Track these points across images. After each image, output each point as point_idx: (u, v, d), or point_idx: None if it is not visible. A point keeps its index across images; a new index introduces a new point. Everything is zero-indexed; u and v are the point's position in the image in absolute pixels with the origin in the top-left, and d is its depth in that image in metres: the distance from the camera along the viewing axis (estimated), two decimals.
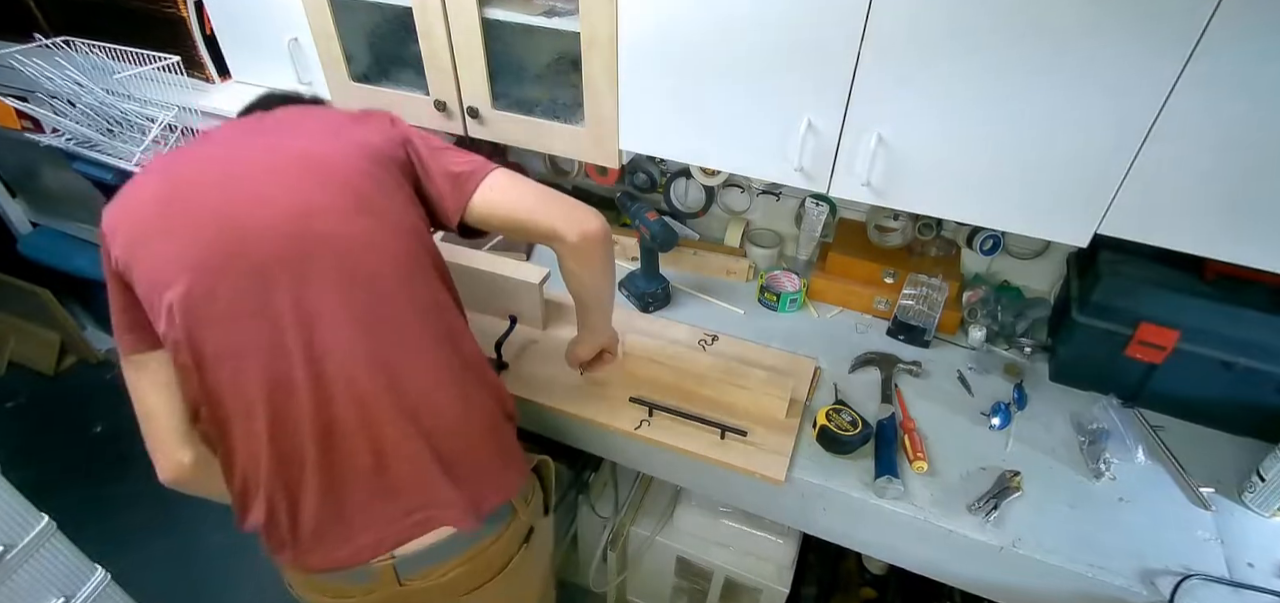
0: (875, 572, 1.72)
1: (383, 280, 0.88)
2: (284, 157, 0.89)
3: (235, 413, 0.86)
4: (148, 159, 1.47)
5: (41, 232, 2.27)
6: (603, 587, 1.77)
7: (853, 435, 1.19)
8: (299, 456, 0.87)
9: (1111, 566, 1.05)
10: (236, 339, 0.83)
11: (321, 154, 0.89)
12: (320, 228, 0.85)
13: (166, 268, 0.81)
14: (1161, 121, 0.92)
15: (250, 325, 0.83)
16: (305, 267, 0.84)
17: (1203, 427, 1.29)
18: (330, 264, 0.85)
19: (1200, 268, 1.20)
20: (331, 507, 0.89)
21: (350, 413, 0.87)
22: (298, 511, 0.89)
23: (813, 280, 1.57)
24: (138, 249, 0.83)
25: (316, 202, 0.86)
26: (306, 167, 0.88)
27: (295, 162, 0.88)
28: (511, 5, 1.25)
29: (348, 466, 0.89)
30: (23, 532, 1.20)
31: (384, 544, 0.92)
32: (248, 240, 0.82)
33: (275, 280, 0.83)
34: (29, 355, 2.53)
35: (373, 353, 0.87)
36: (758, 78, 1.11)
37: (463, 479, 0.93)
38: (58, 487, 1.54)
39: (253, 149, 0.90)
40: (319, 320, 0.85)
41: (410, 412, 0.89)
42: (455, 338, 0.96)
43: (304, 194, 0.86)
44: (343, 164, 0.89)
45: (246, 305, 0.83)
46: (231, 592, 1.90)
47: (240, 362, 0.84)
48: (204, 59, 1.57)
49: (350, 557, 0.91)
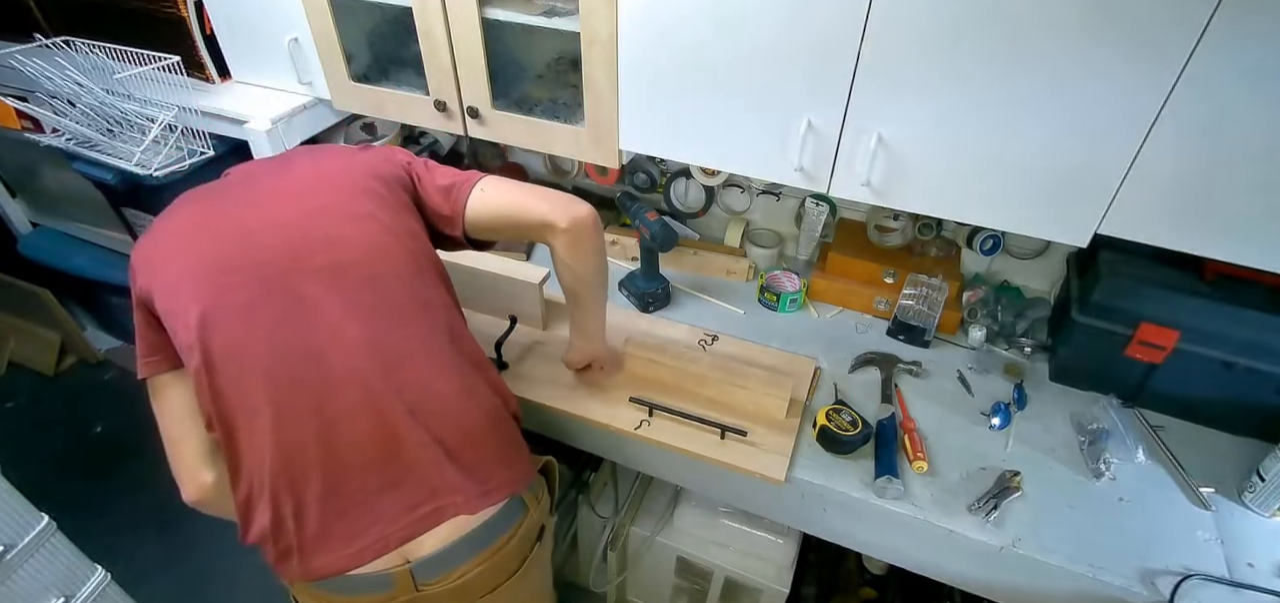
0: (875, 572, 1.72)
1: (386, 280, 0.93)
2: (295, 176, 1.00)
3: (240, 414, 0.87)
4: (147, 159, 1.47)
5: (41, 232, 2.26)
6: (603, 587, 1.77)
7: (853, 435, 1.19)
8: (303, 454, 0.87)
9: (1111, 566, 1.05)
10: (242, 338, 0.87)
11: (329, 171, 1.00)
12: (325, 230, 0.92)
13: (184, 279, 0.89)
14: (1161, 122, 0.92)
15: (255, 324, 0.87)
16: (309, 266, 0.90)
17: (1203, 427, 1.29)
18: (334, 263, 0.90)
19: (1200, 268, 1.20)
20: (336, 503, 0.89)
21: (355, 405, 0.88)
22: (302, 511, 0.88)
23: (813, 280, 1.57)
24: (159, 271, 0.91)
25: (322, 206, 0.94)
26: (314, 181, 0.99)
27: (303, 179, 0.99)
28: (511, 5, 1.25)
29: (352, 460, 0.89)
30: (23, 532, 1.20)
31: (390, 541, 0.90)
32: (257, 246, 0.90)
33: (280, 280, 0.88)
34: (29, 355, 2.53)
35: (377, 345, 0.90)
36: (758, 77, 1.11)
37: (469, 467, 0.93)
38: (58, 487, 1.54)
39: (269, 176, 1.02)
40: (322, 316, 0.89)
41: (415, 402, 0.90)
42: (457, 335, 0.99)
43: (311, 201, 0.95)
44: (347, 177, 0.99)
45: (252, 305, 0.87)
46: (232, 592, 1.90)
47: (245, 360, 0.86)
48: (204, 59, 1.57)
49: (356, 557, 0.89)
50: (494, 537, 0.96)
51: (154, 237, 0.95)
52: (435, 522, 0.91)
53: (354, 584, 0.91)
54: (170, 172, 1.50)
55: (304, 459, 0.87)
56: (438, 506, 0.91)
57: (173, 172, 1.51)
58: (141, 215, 1.76)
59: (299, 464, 0.87)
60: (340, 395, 0.88)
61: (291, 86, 1.54)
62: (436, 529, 0.92)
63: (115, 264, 2.10)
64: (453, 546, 0.92)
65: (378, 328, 0.91)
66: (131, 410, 2.36)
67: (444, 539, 0.92)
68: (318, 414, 0.87)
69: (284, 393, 0.87)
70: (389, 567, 0.90)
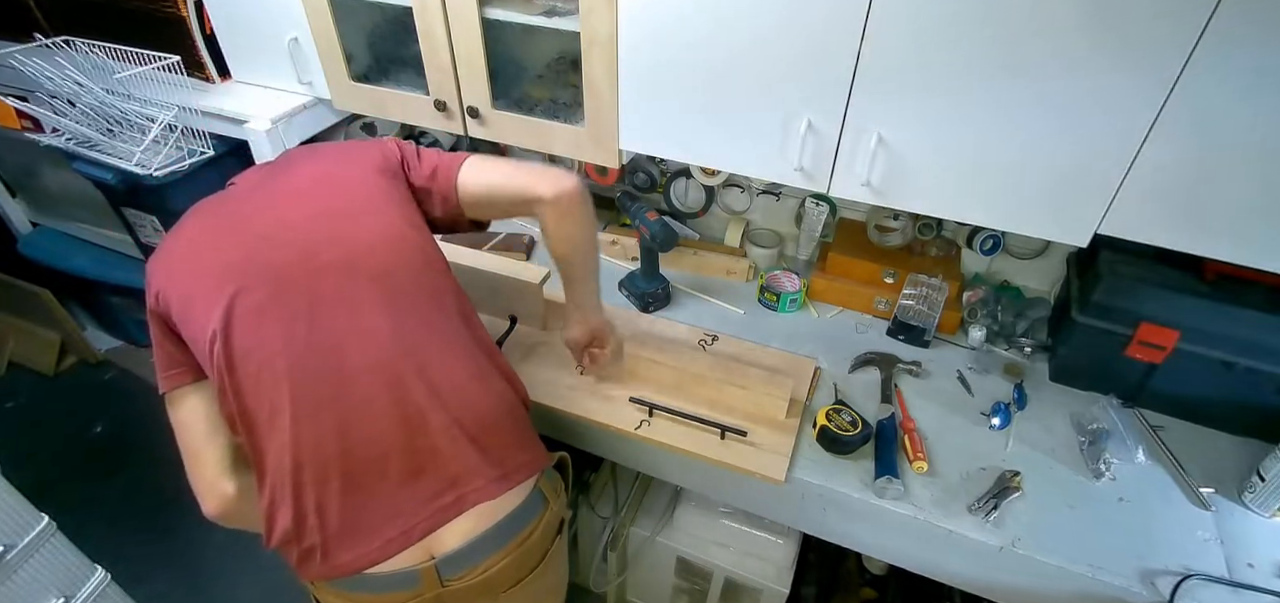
0: (875, 572, 1.72)
1: (397, 272, 0.94)
2: (302, 178, 1.01)
3: (261, 414, 0.88)
4: (147, 159, 1.47)
5: (41, 232, 2.27)
6: (603, 587, 1.77)
7: (853, 435, 1.19)
8: (323, 449, 0.87)
9: (1111, 566, 1.05)
10: (259, 338, 0.88)
11: (335, 172, 1.02)
12: (333, 227, 0.94)
13: (197, 287, 0.90)
14: (1161, 121, 0.92)
15: (271, 323, 0.88)
16: (320, 263, 0.91)
17: (1203, 427, 1.29)
18: (344, 259, 0.92)
19: (1200, 268, 1.20)
20: (358, 497, 0.89)
21: (375, 393, 0.89)
22: (324, 507, 0.88)
23: (813, 280, 1.57)
24: (172, 283, 0.92)
25: (331, 206, 0.96)
26: (321, 181, 1.00)
27: (311, 180, 1.01)
28: (511, 5, 1.25)
29: (373, 451, 0.89)
30: (23, 532, 1.20)
31: (413, 534, 0.90)
32: (268, 248, 0.91)
33: (293, 279, 0.90)
34: (29, 355, 2.53)
35: (395, 334, 0.91)
36: (758, 77, 1.11)
37: (487, 450, 0.94)
38: (58, 487, 1.54)
39: (274, 179, 1.03)
40: (338, 311, 0.90)
41: (435, 383, 0.92)
42: (470, 322, 1.02)
43: (320, 201, 0.97)
44: (353, 176, 1.00)
45: (267, 305, 0.88)
46: (232, 592, 1.90)
47: (263, 359, 0.87)
48: (204, 59, 1.57)
49: (380, 551, 0.89)
50: (517, 530, 0.96)
51: (165, 251, 0.96)
52: (457, 511, 0.91)
53: (378, 582, 0.90)
54: (170, 171, 1.50)
55: (324, 454, 0.88)
56: (459, 494, 0.91)
57: (173, 171, 1.51)
58: (141, 215, 1.76)
59: (320, 460, 0.88)
60: (359, 385, 0.89)
61: (291, 86, 1.54)
62: (459, 523, 0.91)
63: (115, 264, 2.10)
64: (477, 540, 0.92)
65: (394, 318, 0.92)
66: (131, 410, 2.36)
67: (467, 534, 0.92)
68: (337, 407, 0.88)
69: (303, 389, 0.87)
70: (413, 564, 0.90)
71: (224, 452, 0.94)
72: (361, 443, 0.89)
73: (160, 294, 0.92)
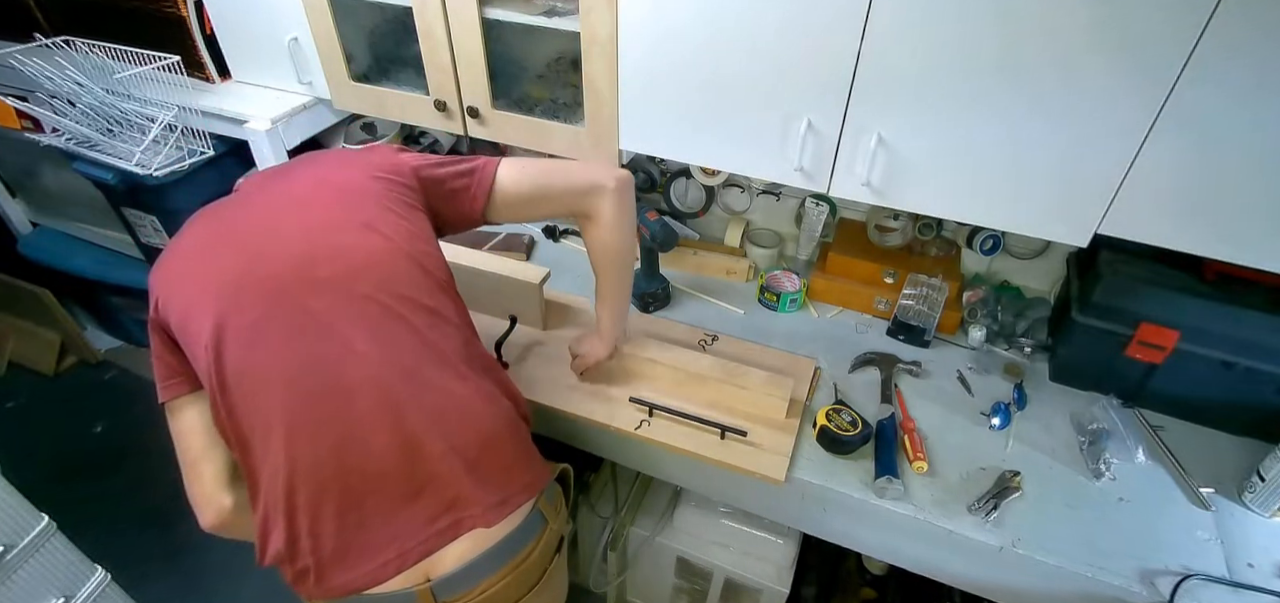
0: (875, 572, 1.72)
1: (394, 288, 0.91)
2: (299, 188, 0.99)
3: (256, 432, 0.86)
4: (147, 159, 1.47)
5: (41, 232, 2.27)
6: (603, 587, 1.77)
7: (853, 436, 1.19)
8: (319, 469, 0.86)
9: (1111, 566, 1.05)
10: (253, 356, 0.86)
11: (334, 179, 0.99)
12: (331, 241, 0.91)
13: (195, 300, 0.88)
14: (1161, 122, 0.92)
15: (265, 340, 0.86)
16: (316, 278, 0.89)
17: (1203, 427, 1.29)
18: (341, 274, 0.89)
19: (1200, 268, 1.20)
20: (353, 517, 0.87)
21: (372, 414, 0.87)
22: (318, 530, 0.87)
23: (813, 280, 1.57)
24: (174, 292, 0.91)
25: (329, 219, 0.93)
26: (320, 189, 0.97)
27: (310, 187, 0.98)
28: (511, 5, 1.25)
29: (370, 471, 0.87)
30: (23, 532, 1.20)
31: (409, 557, 0.88)
32: (264, 262, 0.89)
33: (287, 295, 0.88)
34: (29, 355, 2.53)
35: (390, 354, 0.89)
36: (758, 77, 1.11)
37: (486, 476, 0.92)
38: (58, 487, 1.54)
39: (274, 185, 1.02)
40: (333, 329, 0.87)
41: (431, 407, 0.89)
42: (468, 340, 0.99)
43: (315, 213, 0.94)
44: (353, 185, 0.97)
45: (261, 322, 0.86)
46: (232, 591, 1.90)
47: (257, 377, 0.86)
48: (204, 59, 1.57)
49: (375, 574, 0.87)
50: (515, 551, 0.94)
51: (166, 261, 0.94)
52: (454, 535, 0.90)
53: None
54: (170, 171, 1.50)
55: (320, 475, 0.86)
56: (456, 518, 0.90)
57: (173, 171, 1.51)
58: (141, 215, 1.76)
59: (315, 480, 0.86)
60: (356, 405, 0.86)
61: (291, 86, 1.54)
62: (456, 545, 0.90)
63: (115, 264, 2.10)
64: (474, 562, 0.90)
65: (390, 336, 0.89)
66: (131, 411, 2.36)
67: (464, 556, 0.90)
68: (334, 427, 0.86)
69: (298, 408, 0.85)
70: (409, 585, 0.88)
71: (222, 464, 0.92)
72: (359, 464, 0.87)
73: (160, 304, 0.91)
